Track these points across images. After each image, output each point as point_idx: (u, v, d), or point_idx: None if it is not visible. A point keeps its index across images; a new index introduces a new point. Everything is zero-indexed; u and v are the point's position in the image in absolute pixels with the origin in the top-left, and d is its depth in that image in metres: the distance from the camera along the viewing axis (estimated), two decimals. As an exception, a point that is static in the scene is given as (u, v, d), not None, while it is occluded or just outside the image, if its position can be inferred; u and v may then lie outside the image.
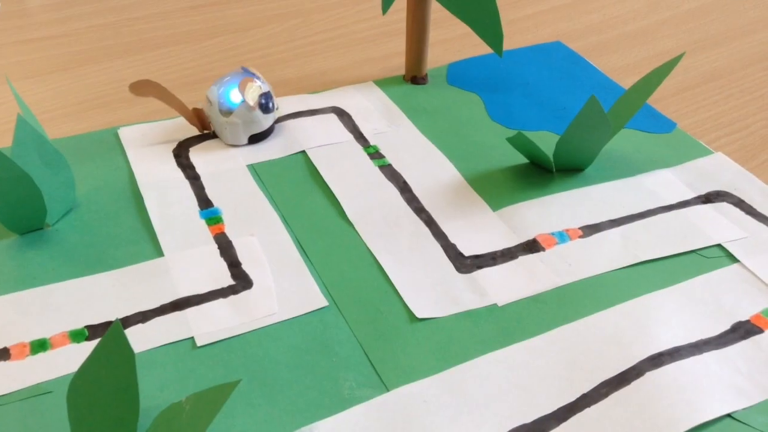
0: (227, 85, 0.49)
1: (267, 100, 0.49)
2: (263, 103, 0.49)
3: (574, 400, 0.35)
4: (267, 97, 0.49)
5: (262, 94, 0.49)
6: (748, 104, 0.58)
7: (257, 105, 0.49)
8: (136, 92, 0.49)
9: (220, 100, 0.49)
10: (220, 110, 0.49)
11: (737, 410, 0.35)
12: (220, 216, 0.45)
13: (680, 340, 0.38)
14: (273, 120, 0.51)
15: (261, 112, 0.49)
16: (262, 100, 0.49)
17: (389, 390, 0.36)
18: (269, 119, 0.50)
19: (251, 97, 0.48)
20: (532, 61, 0.63)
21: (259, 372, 0.36)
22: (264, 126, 0.50)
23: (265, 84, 0.50)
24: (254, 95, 0.48)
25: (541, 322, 0.40)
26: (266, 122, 0.50)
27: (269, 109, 0.50)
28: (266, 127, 0.50)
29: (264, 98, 0.49)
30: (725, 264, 0.43)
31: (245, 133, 0.50)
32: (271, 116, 0.50)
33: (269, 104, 0.49)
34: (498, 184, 0.49)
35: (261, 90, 0.49)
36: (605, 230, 0.45)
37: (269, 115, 0.50)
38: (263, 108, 0.49)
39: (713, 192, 0.48)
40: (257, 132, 0.50)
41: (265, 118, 0.50)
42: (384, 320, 0.39)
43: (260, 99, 0.49)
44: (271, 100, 0.50)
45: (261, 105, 0.49)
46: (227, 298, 0.40)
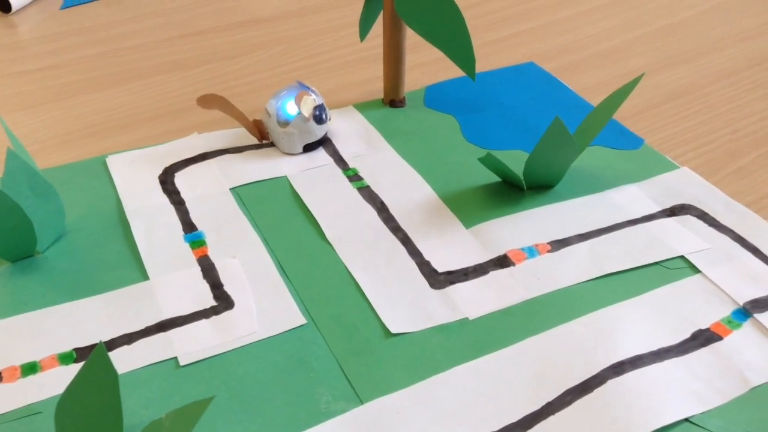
0: (284, 99, 0.53)
1: (321, 111, 0.53)
2: (317, 115, 0.53)
3: (539, 408, 0.37)
4: (321, 109, 0.53)
5: (317, 106, 0.53)
6: (714, 119, 0.60)
7: (312, 116, 0.52)
8: (202, 105, 0.54)
9: (278, 112, 0.53)
10: (278, 122, 0.53)
11: (695, 415, 0.37)
12: (204, 239, 0.47)
13: (642, 349, 0.40)
14: (325, 130, 0.55)
15: (315, 123, 0.53)
16: (317, 112, 0.53)
17: (363, 403, 0.37)
18: (322, 129, 0.54)
19: (306, 109, 0.52)
20: (506, 82, 0.65)
21: (239, 389, 0.38)
22: (318, 136, 0.54)
23: (318, 97, 0.53)
24: (309, 107, 0.52)
25: (510, 334, 0.41)
26: (320, 132, 0.54)
27: (323, 120, 0.53)
28: (319, 137, 0.54)
29: (318, 110, 0.53)
30: (688, 275, 0.45)
31: (300, 143, 0.54)
32: (324, 127, 0.54)
33: (323, 115, 0.53)
34: (471, 203, 0.51)
35: (315, 102, 0.53)
36: (573, 244, 0.47)
37: (323, 125, 0.54)
38: (317, 119, 0.53)
39: (678, 205, 0.50)
40: (311, 141, 0.54)
41: (318, 129, 0.54)
42: (360, 336, 0.41)
43: (314, 111, 0.52)
44: (324, 111, 0.53)
45: (315, 116, 0.53)
46: (209, 319, 0.42)
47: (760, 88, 0.65)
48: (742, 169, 0.55)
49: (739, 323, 0.42)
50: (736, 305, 0.43)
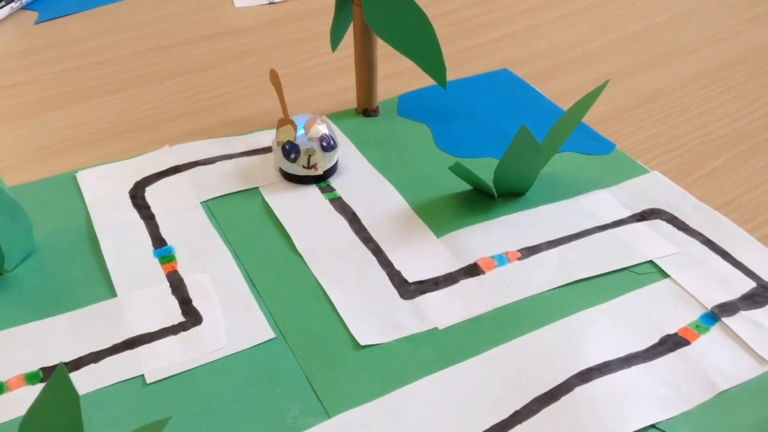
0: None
1: (327, 141, 0.51)
2: (324, 145, 0.51)
3: (507, 418, 0.37)
4: (326, 139, 0.51)
5: (322, 135, 0.51)
6: (687, 122, 0.61)
7: (281, 146, 0.51)
8: (272, 78, 0.53)
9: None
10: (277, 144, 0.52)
11: (661, 421, 0.37)
12: (173, 254, 0.47)
13: (610, 355, 0.40)
14: (335, 159, 0.53)
15: (323, 152, 0.52)
16: (323, 143, 0.51)
17: (331, 417, 0.37)
18: (331, 157, 0.52)
19: (314, 134, 0.51)
20: (479, 89, 0.65)
21: (207, 405, 0.38)
22: (292, 170, 0.52)
23: (325, 125, 0.52)
24: (317, 134, 0.51)
25: (479, 343, 0.41)
26: (328, 161, 0.53)
27: (330, 148, 0.52)
28: (328, 166, 0.53)
29: (323, 140, 0.51)
30: (656, 279, 0.45)
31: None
32: (333, 154, 0.52)
33: (331, 142, 0.52)
34: (442, 212, 0.51)
35: (321, 132, 0.51)
36: (543, 251, 0.47)
37: (330, 152, 0.52)
38: (324, 148, 0.51)
39: (648, 210, 0.51)
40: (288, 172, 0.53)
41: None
42: (329, 349, 0.41)
43: (321, 141, 0.51)
44: (330, 140, 0.52)
45: (322, 146, 0.51)
46: (177, 335, 0.41)
47: (732, 90, 0.65)
48: (713, 172, 0.55)
49: (707, 327, 0.42)
50: (705, 309, 0.43)
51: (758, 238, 0.48)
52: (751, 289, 0.44)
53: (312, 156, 0.51)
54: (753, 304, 0.43)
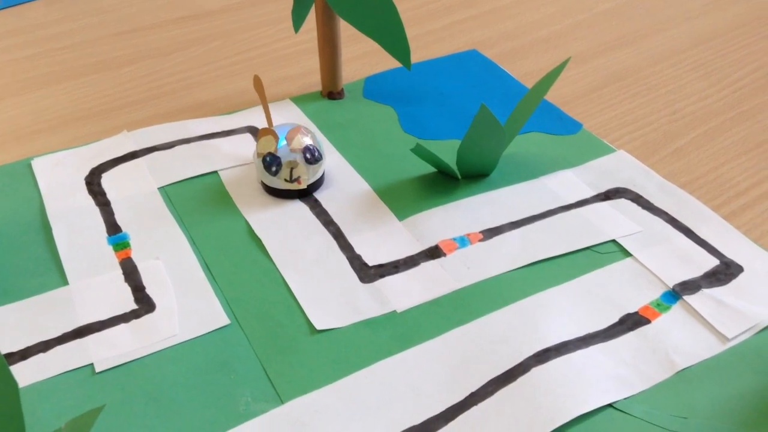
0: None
1: (311, 152, 0.48)
2: (308, 158, 0.48)
3: (462, 399, 0.36)
4: (310, 150, 0.48)
5: (306, 147, 0.48)
6: (654, 101, 0.60)
7: (261, 156, 0.48)
8: (255, 85, 0.50)
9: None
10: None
11: (618, 400, 0.36)
12: (128, 241, 0.46)
13: (568, 335, 0.40)
14: (321, 171, 0.49)
15: (307, 164, 0.48)
16: (307, 155, 0.48)
17: (284, 403, 0.37)
18: (315, 170, 0.49)
19: (296, 145, 0.47)
20: (447, 70, 0.64)
21: (157, 394, 0.37)
22: (271, 184, 0.49)
23: (309, 137, 0.49)
24: (299, 145, 0.47)
25: (437, 325, 0.41)
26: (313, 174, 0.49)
27: (314, 161, 0.48)
28: (313, 180, 0.49)
29: (307, 151, 0.48)
30: (618, 259, 0.45)
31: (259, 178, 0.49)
32: (317, 166, 0.49)
33: (315, 154, 0.48)
34: (405, 194, 0.50)
35: (304, 142, 0.48)
36: (505, 232, 0.47)
37: (315, 165, 0.48)
38: (308, 160, 0.48)
39: (612, 189, 0.50)
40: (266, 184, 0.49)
41: (311, 169, 0.48)
42: (284, 334, 0.40)
43: (305, 153, 0.48)
44: (315, 151, 0.48)
45: (306, 158, 0.48)
46: (129, 323, 0.40)
47: (702, 68, 0.64)
48: (680, 150, 0.54)
49: (668, 306, 0.42)
50: (666, 288, 0.43)
51: (723, 215, 0.48)
52: (714, 266, 0.44)
53: (294, 169, 0.48)
54: (715, 281, 0.43)
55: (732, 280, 0.43)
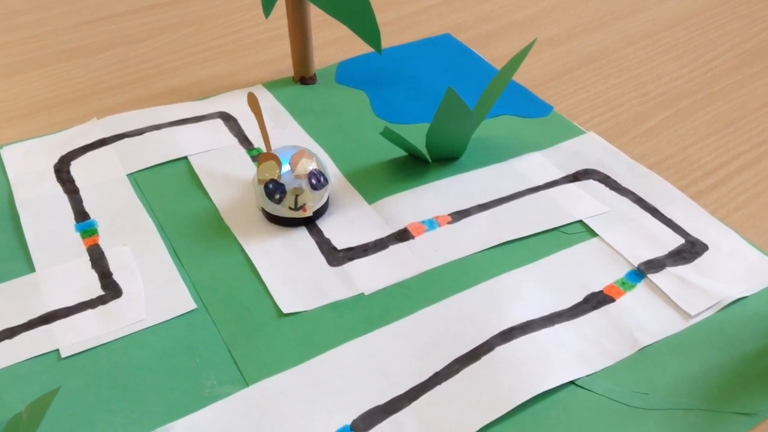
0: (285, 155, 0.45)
1: (316, 177, 0.45)
2: (313, 183, 0.44)
3: (427, 379, 0.37)
4: (316, 175, 0.45)
5: (311, 171, 0.45)
6: (625, 83, 0.60)
7: (263, 184, 0.44)
8: (250, 103, 0.46)
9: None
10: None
11: (581, 377, 0.37)
12: (96, 228, 0.46)
13: (533, 314, 0.40)
14: (326, 197, 0.46)
15: (312, 190, 0.45)
16: (312, 180, 0.44)
17: (249, 385, 0.37)
18: (320, 196, 0.45)
19: (301, 170, 0.44)
20: (420, 54, 0.64)
21: (122, 378, 0.37)
22: (271, 210, 0.45)
23: (314, 162, 0.45)
24: (304, 170, 0.44)
25: (404, 307, 0.41)
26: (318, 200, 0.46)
27: (319, 186, 0.45)
28: (273, 213, 0.45)
29: (313, 176, 0.44)
30: (585, 239, 0.45)
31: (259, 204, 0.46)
32: (322, 192, 0.45)
33: (321, 179, 0.45)
34: (376, 178, 0.50)
35: (309, 167, 0.45)
36: (473, 215, 0.47)
37: (320, 191, 0.45)
38: (313, 186, 0.44)
39: (581, 170, 0.50)
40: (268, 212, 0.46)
41: (316, 195, 0.45)
42: (251, 318, 0.40)
43: (310, 177, 0.44)
44: (321, 176, 0.45)
45: (311, 183, 0.44)
46: (96, 309, 0.40)
47: (674, 50, 0.65)
48: (649, 131, 0.55)
49: (633, 284, 0.42)
50: (631, 267, 0.43)
51: (690, 195, 0.48)
52: (679, 245, 0.44)
53: (300, 196, 0.44)
54: (680, 260, 0.43)
55: (696, 258, 0.43)
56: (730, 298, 0.41)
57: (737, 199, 0.48)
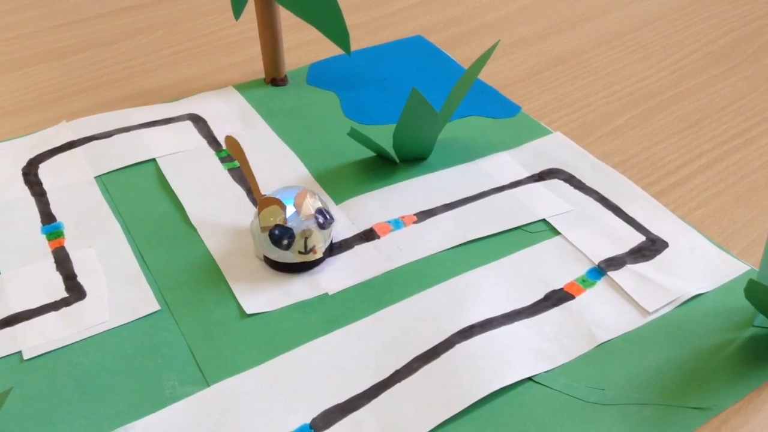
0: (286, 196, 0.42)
1: (322, 215, 0.42)
2: (320, 222, 0.42)
3: (387, 377, 0.37)
4: (321, 213, 0.42)
5: (316, 210, 0.42)
6: (593, 83, 0.61)
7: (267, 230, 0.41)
8: (228, 147, 0.45)
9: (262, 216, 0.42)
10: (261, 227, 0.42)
11: (539, 373, 0.37)
12: (62, 230, 0.46)
13: (494, 312, 0.40)
14: (292, 257, 0.42)
15: (268, 241, 0.42)
16: (319, 219, 0.42)
17: (210, 385, 0.37)
18: (283, 255, 0.42)
19: (305, 212, 0.41)
20: (391, 56, 0.65)
21: (84, 379, 0.37)
22: (278, 257, 0.42)
23: (317, 200, 0.43)
24: (309, 211, 0.42)
25: (368, 306, 0.41)
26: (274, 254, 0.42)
27: (324, 226, 0.42)
28: (280, 260, 0.42)
29: (318, 215, 0.42)
30: (548, 237, 0.45)
31: (260, 251, 0.43)
32: (326, 232, 0.43)
33: (326, 217, 0.43)
34: (344, 179, 0.51)
35: (314, 206, 0.42)
36: (438, 214, 0.47)
37: (324, 231, 0.43)
38: (273, 238, 0.42)
39: (546, 170, 0.51)
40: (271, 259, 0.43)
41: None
42: (214, 319, 0.41)
43: (316, 215, 0.42)
44: (325, 215, 0.43)
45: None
46: (59, 311, 0.41)
47: (642, 50, 0.65)
48: (615, 131, 0.55)
49: (593, 282, 0.43)
50: (592, 264, 0.43)
51: (653, 193, 0.49)
52: (639, 243, 0.45)
53: (309, 238, 0.42)
54: (641, 257, 0.44)
55: (656, 255, 0.44)
56: (689, 295, 0.41)
57: (699, 197, 0.49)
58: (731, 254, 0.44)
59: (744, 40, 0.67)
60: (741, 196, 0.49)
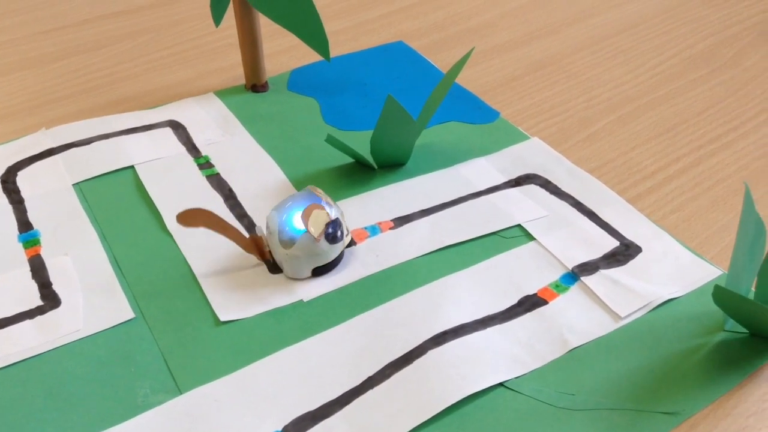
0: (289, 212, 0.43)
1: (335, 228, 0.43)
2: (330, 233, 0.42)
3: (359, 384, 0.37)
4: (335, 225, 0.43)
5: (329, 222, 0.43)
6: (572, 88, 0.61)
7: (323, 235, 0.42)
8: (185, 223, 0.43)
9: (281, 228, 0.42)
10: (280, 240, 0.42)
11: (510, 379, 0.38)
12: (38, 238, 0.46)
13: (467, 317, 0.41)
14: (341, 249, 0.44)
15: (327, 243, 0.42)
16: (329, 230, 0.42)
17: (182, 393, 0.37)
18: (337, 249, 0.43)
19: (316, 227, 0.42)
20: (372, 62, 0.65)
21: (56, 388, 0.37)
22: (330, 257, 0.43)
23: (333, 208, 0.43)
24: (320, 225, 0.42)
25: (342, 313, 0.42)
26: (333, 253, 0.43)
27: (337, 239, 0.43)
28: (333, 258, 0.44)
29: (331, 227, 0.42)
30: (522, 243, 0.46)
31: (308, 267, 0.43)
32: (339, 246, 0.43)
33: (337, 233, 0.43)
34: (321, 185, 0.51)
35: (328, 218, 0.43)
36: (415, 220, 0.47)
37: (336, 245, 0.43)
38: (329, 238, 0.42)
39: (523, 175, 0.51)
40: (322, 264, 0.43)
41: (331, 249, 0.43)
42: (188, 327, 0.41)
43: (327, 228, 0.42)
44: (339, 227, 0.43)
45: (327, 235, 0.42)
46: (34, 319, 0.41)
47: (621, 55, 0.66)
48: (592, 136, 0.56)
49: (567, 287, 0.43)
50: (566, 269, 0.44)
51: (628, 198, 0.49)
52: (613, 248, 0.45)
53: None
54: (614, 262, 0.44)
55: (630, 260, 0.44)
56: (661, 299, 0.42)
57: (674, 202, 0.49)
58: (704, 259, 0.44)
59: (723, 45, 0.67)
60: (716, 201, 0.50)
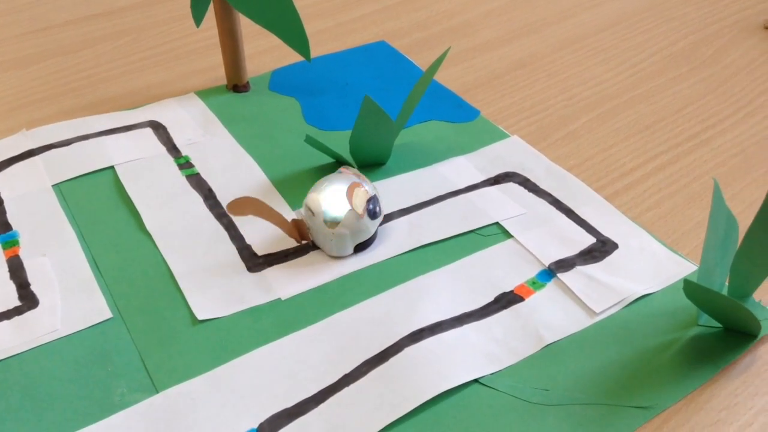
0: (331, 193, 0.44)
1: (374, 204, 0.44)
2: (371, 209, 0.44)
3: (335, 381, 0.37)
4: (374, 202, 0.44)
5: (369, 198, 0.44)
6: (552, 87, 0.62)
7: (365, 212, 0.44)
8: (235, 212, 0.44)
9: (325, 209, 0.43)
10: (324, 221, 0.43)
11: (485, 375, 0.38)
12: (17, 239, 0.46)
13: (444, 315, 0.41)
14: (378, 225, 0.46)
15: (369, 219, 0.44)
16: (370, 206, 0.44)
17: (159, 392, 0.37)
18: (375, 224, 0.45)
19: (359, 204, 0.43)
20: (354, 62, 0.65)
21: (33, 388, 0.37)
22: (371, 233, 0.45)
23: (370, 186, 0.45)
24: (362, 202, 0.43)
25: (320, 311, 0.42)
26: (373, 228, 0.45)
27: (376, 215, 0.45)
28: (372, 234, 0.45)
29: (371, 203, 0.44)
30: (500, 240, 0.46)
31: (352, 243, 0.45)
32: (377, 221, 0.45)
33: (376, 209, 0.44)
34: (301, 185, 0.51)
35: (368, 194, 0.44)
36: (394, 219, 0.48)
37: (376, 220, 0.45)
38: (371, 214, 0.44)
39: (502, 174, 0.51)
40: (364, 240, 0.45)
41: (372, 224, 0.45)
42: (166, 326, 0.41)
43: (368, 205, 0.44)
44: (377, 203, 0.45)
45: (369, 211, 0.44)
46: (11, 320, 0.41)
47: (602, 53, 0.66)
48: (571, 134, 0.56)
49: (543, 284, 0.43)
50: (543, 266, 0.44)
51: (605, 195, 0.50)
52: (590, 244, 0.46)
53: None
54: (590, 259, 0.45)
55: (606, 257, 0.45)
56: (636, 295, 0.42)
57: (651, 198, 0.50)
58: (680, 255, 0.45)
59: (703, 43, 0.68)
60: (693, 198, 0.50)
